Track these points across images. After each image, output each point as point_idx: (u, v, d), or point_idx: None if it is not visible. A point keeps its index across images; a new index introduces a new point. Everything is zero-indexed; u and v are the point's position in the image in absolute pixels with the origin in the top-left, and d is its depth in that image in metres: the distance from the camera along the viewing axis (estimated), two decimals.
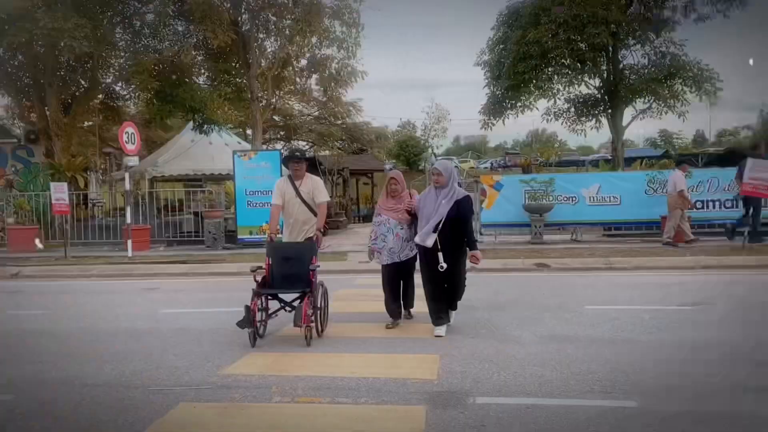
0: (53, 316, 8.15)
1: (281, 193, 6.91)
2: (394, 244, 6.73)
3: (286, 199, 6.88)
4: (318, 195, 6.91)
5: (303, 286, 6.30)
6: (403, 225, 6.76)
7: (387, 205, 6.88)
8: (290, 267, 6.47)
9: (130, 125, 14.87)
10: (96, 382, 5.18)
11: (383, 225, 6.81)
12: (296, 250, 6.61)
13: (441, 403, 4.43)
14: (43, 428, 4.19)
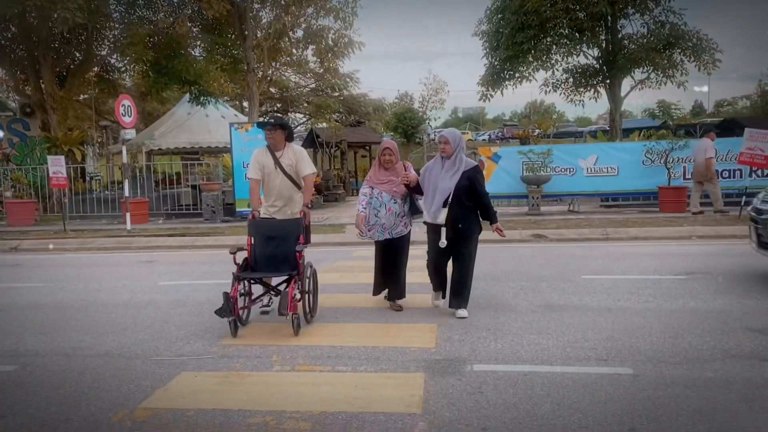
0: (53, 288, 8.20)
1: (259, 165, 6.19)
2: (387, 219, 6.24)
3: (266, 172, 6.18)
4: (303, 167, 6.19)
5: (289, 269, 5.71)
6: (396, 199, 6.25)
7: (379, 177, 6.33)
8: (275, 247, 5.82)
9: (126, 98, 14.77)
10: (98, 353, 5.25)
11: (375, 199, 6.28)
12: (281, 228, 5.93)
13: (439, 371, 4.50)
14: (47, 398, 4.25)
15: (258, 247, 5.87)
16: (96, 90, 23.64)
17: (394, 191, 6.26)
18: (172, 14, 19.32)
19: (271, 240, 5.85)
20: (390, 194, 6.26)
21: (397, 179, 6.26)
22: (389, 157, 6.30)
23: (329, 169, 27.78)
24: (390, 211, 6.25)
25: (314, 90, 28.38)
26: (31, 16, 17.41)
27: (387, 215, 6.25)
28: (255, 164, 6.21)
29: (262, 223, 5.99)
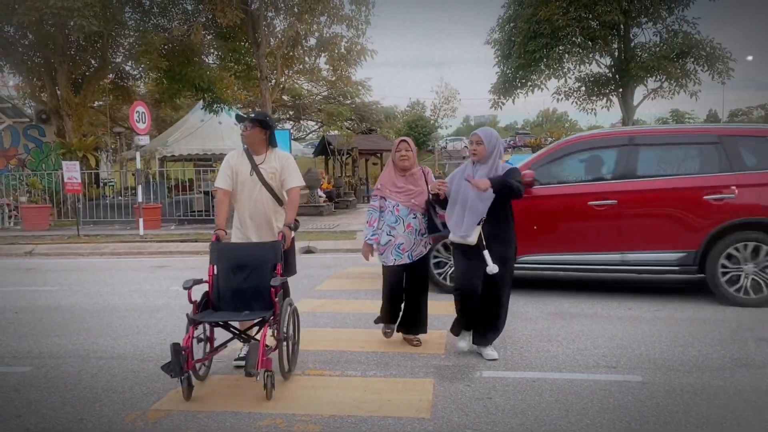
0: (68, 292, 8.30)
1: (231, 171, 4.85)
2: (406, 238, 5.05)
3: (239, 180, 4.83)
4: (289, 177, 4.86)
5: (262, 307, 4.40)
6: (416, 213, 5.08)
7: (396, 184, 5.11)
8: (244, 279, 4.49)
9: (141, 104, 14.94)
10: (111, 355, 5.32)
11: (390, 213, 5.09)
12: (253, 254, 4.59)
13: (448, 377, 4.52)
14: (61, 398, 4.32)
15: (222, 279, 4.52)
16: (111, 97, 23.93)
17: (414, 203, 5.09)
18: (187, 22, 19.53)
19: (239, 270, 4.51)
20: (409, 207, 5.08)
21: (417, 188, 5.11)
22: (406, 153, 5.06)
23: (341, 176, 27.89)
24: (409, 228, 5.07)
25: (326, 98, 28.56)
26: (48, 24, 17.66)
27: (406, 233, 5.07)
28: (225, 170, 4.87)
29: (228, 247, 4.66)
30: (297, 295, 6.87)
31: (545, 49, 20.62)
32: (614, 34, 21.20)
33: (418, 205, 5.09)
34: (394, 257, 5.08)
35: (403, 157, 5.07)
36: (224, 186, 4.85)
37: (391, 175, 5.18)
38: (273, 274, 4.45)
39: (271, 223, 4.93)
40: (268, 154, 4.89)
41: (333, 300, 7.32)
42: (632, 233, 6.78)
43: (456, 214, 4.85)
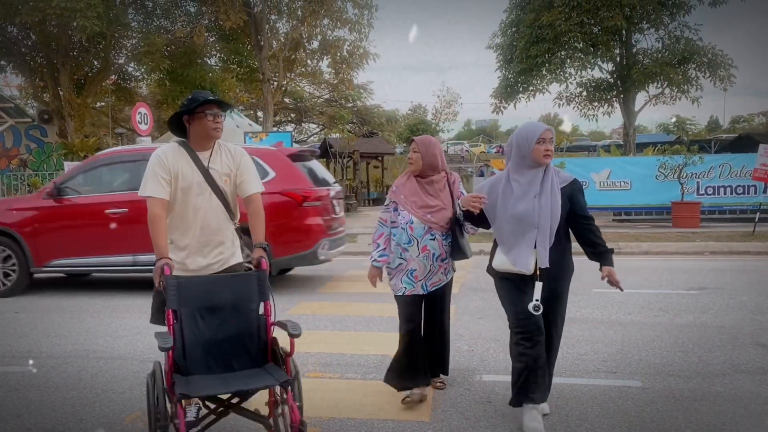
0: (68, 292, 8.30)
1: (168, 173, 3.48)
2: (420, 264, 3.98)
3: (180, 186, 3.49)
4: (248, 179, 3.65)
5: (247, 365, 3.27)
6: (435, 233, 3.96)
7: (412, 193, 4.02)
8: (219, 326, 3.29)
9: (143, 106, 14.97)
10: (111, 356, 5.32)
11: (402, 231, 3.99)
12: (228, 289, 3.36)
13: (448, 381, 4.52)
14: (61, 398, 4.33)
15: (188, 328, 3.22)
16: (113, 98, 23.98)
17: (431, 221, 3.96)
18: (190, 24, 19.60)
19: (211, 313, 3.29)
20: (425, 224, 3.96)
21: (436, 203, 4.00)
22: (412, 155, 4.08)
23: (342, 179, 27.91)
24: (425, 251, 3.97)
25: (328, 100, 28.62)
26: (51, 25, 17.73)
27: (421, 258, 3.98)
28: (158, 172, 3.46)
29: (192, 282, 3.32)
30: (298, 297, 6.91)
31: (547, 54, 20.68)
32: (616, 40, 21.25)
33: (437, 223, 3.96)
34: (405, 285, 4.03)
35: (410, 160, 4.08)
36: (161, 195, 3.43)
37: (411, 180, 4.09)
38: (261, 317, 3.37)
39: (223, 244, 3.64)
40: (215, 150, 3.59)
41: (333, 303, 7.33)
42: (142, 237, 6.88)
43: (509, 235, 3.60)
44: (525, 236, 3.54)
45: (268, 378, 3.13)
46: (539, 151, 3.52)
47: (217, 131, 3.55)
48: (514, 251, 3.58)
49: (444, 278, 4.11)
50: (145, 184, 3.48)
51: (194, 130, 3.54)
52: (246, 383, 3.09)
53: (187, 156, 3.53)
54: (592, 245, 3.79)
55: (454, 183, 4.13)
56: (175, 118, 3.61)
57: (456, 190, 4.10)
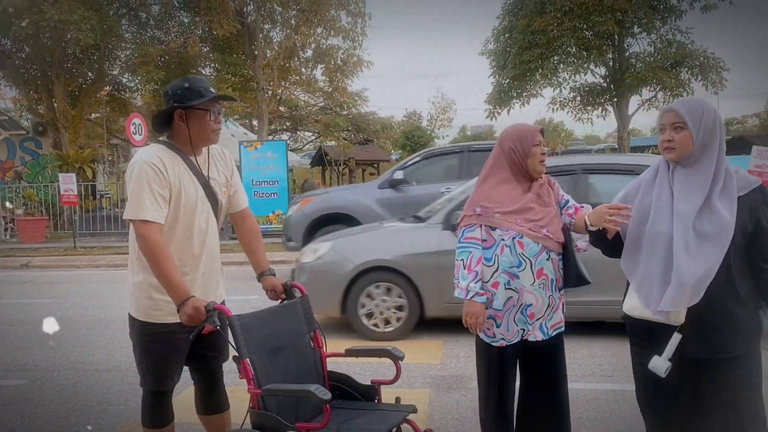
0: (64, 304, 8.27)
1: (169, 190, 2.74)
2: (538, 295, 2.89)
3: (182, 203, 2.79)
4: (241, 189, 3.16)
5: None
6: (549, 252, 2.91)
7: (517, 204, 2.91)
8: (287, 366, 2.77)
9: (137, 116, 14.97)
10: (107, 368, 5.31)
11: (507, 250, 2.88)
12: (285, 322, 2.88)
13: (444, 387, 4.52)
14: (55, 411, 4.31)
15: (265, 379, 2.62)
16: (107, 109, 23.98)
17: (548, 236, 2.89)
18: (183, 34, 19.63)
19: (276, 354, 2.76)
20: (537, 241, 2.87)
21: (549, 208, 2.95)
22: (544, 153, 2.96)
23: None
24: (542, 276, 2.89)
25: (323, 108, 28.65)
26: (45, 37, 17.73)
27: (537, 287, 2.88)
28: (156, 188, 2.69)
29: (252, 322, 2.69)
30: None
31: (540, 59, 20.73)
32: (609, 44, 21.33)
33: (553, 238, 2.89)
34: (520, 327, 2.90)
35: (543, 158, 2.93)
36: (160, 219, 2.70)
37: (506, 188, 2.93)
38: (315, 350, 2.93)
39: (220, 271, 3.08)
40: (210, 154, 2.95)
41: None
42: None
43: (645, 267, 2.44)
44: (668, 268, 2.34)
45: (392, 414, 2.82)
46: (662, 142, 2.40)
47: (218, 134, 2.88)
48: (650, 288, 2.40)
49: (562, 317, 3.04)
50: (138, 204, 2.64)
51: (192, 129, 2.78)
52: (380, 425, 2.68)
53: (184, 164, 2.80)
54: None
55: (554, 186, 3.08)
56: (168, 111, 2.80)
57: (557, 194, 3.06)
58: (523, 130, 2.95)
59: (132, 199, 2.68)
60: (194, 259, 2.85)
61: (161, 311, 2.78)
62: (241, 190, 3.13)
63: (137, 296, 2.87)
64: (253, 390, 2.52)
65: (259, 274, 3.07)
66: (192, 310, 2.52)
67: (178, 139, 2.83)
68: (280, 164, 14.77)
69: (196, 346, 2.85)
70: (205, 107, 2.76)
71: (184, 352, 2.88)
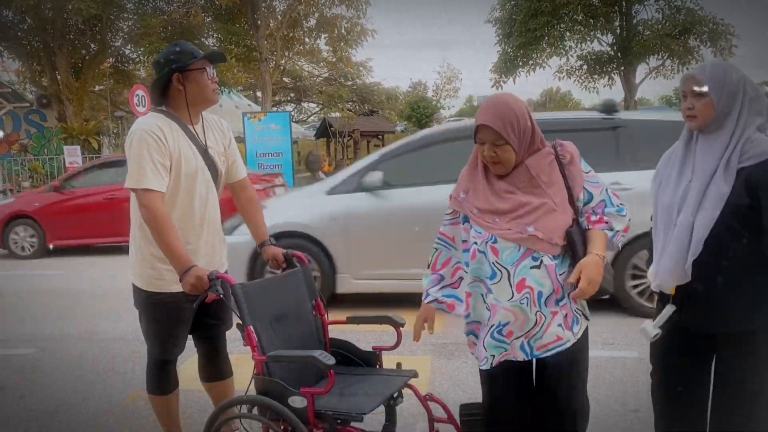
0: (71, 276, 8.36)
1: (169, 159, 2.70)
2: (516, 311, 2.24)
3: (183, 172, 2.75)
4: (239, 159, 3.12)
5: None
6: (539, 255, 2.22)
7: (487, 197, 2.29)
8: (289, 336, 2.75)
9: (141, 88, 14.90)
10: (114, 337, 5.39)
11: (480, 256, 2.29)
12: (287, 291, 2.86)
13: (446, 354, 4.57)
14: (64, 379, 4.39)
15: (269, 346, 2.61)
16: (111, 81, 23.89)
17: (532, 237, 2.22)
18: (186, 4, 19.45)
19: (280, 321, 2.74)
20: (520, 243, 2.24)
21: (537, 200, 2.24)
22: (492, 152, 2.22)
23: (342, 159, 27.88)
24: (524, 288, 2.24)
25: (327, 79, 28.44)
26: (47, 8, 17.62)
27: (517, 302, 2.24)
28: (157, 158, 2.65)
29: (255, 289, 2.67)
30: None
31: (546, 27, 20.50)
32: (616, 11, 21.04)
33: (544, 239, 2.22)
34: (490, 350, 2.33)
35: (493, 158, 2.24)
36: (162, 188, 2.66)
37: (479, 175, 2.33)
38: (317, 317, 2.95)
39: (223, 242, 3.08)
40: (205, 123, 2.94)
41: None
42: None
43: (657, 240, 2.38)
44: (674, 235, 2.24)
45: (394, 379, 2.82)
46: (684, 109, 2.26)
47: (217, 94, 2.89)
48: (659, 261, 2.32)
49: (565, 335, 2.26)
50: (140, 173, 2.60)
51: (191, 91, 2.74)
52: (382, 389, 2.66)
53: (182, 132, 2.77)
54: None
55: (570, 160, 2.31)
56: (165, 77, 2.73)
57: (576, 170, 2.31)
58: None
59: (133, 168, 2.65)
60: (196, 229, 2.84)
61: (165, 281, 2.80)
62: (239, 160, 3.11)
63: (140, 266, 2.89)
64: (257, 357, 2.56)
65: (259, 244, 3.07)
66: (195, 279, 2.50)
67: (176, 107, 2.81)
68: (284, 136, 14.76)
69: (199, 315, 2.88)
70: (201, 66, 2.73)
71: (188, 321, 2.92)
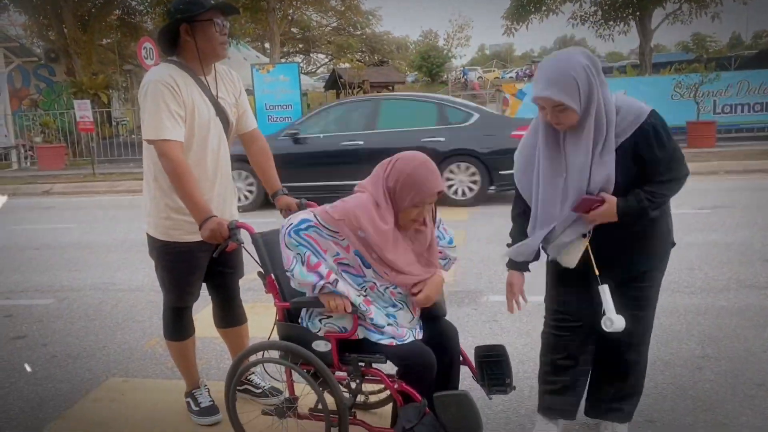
0: (86, 229, 8.48)
1: (184, 108, 2.71)
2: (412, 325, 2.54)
3: (198, 123, 2.77)
4: (248, 110, 3.10)
5: None
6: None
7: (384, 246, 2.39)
8: None
9: (148, 40, 14.76)
10: (130, 288, 5.50)
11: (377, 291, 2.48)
12: None
13: (456, 301, 4.64)
14: (84, 328, 4.52)
15: (289, 288, 2.60)
16: (118, 33, 23.66)
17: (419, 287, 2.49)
18: None
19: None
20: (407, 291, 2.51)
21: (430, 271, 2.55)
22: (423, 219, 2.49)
23: None
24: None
25: (336, 29, 28.03)
26: None
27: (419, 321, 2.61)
28: (174, 108, 2.66)
29: (273, 239, 2.65)
30: None
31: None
32: None
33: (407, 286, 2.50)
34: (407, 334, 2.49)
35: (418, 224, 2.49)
36: (180, 137, 2.69)
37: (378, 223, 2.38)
38: None
39: (234, 194, 3.12)
40: (218, 73, 2.92)
41: None
42: None
43: (541, 215, 2.56)
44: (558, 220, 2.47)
45: None
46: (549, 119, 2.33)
47: (224, 48, 2.80)
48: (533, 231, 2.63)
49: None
50: (158, 124, 2.61)
51: (199, 43, 2.71)
52: None
53: (194, 83, 2.76)
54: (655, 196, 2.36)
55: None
56: (172, 27, 2.71)
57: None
58: (419, 182, 2.35)
59: (149, 119, 2.64)
60: (208, 180, 2.85)
61: (180, 230, 2.85)
62: (249, 111, 3.10)
63: (155, 217, 2.93)
64: (280, 303, 2.60)
65: (272, 194, 3.09)
66: (216, 225, 2.53)
67: (187, 57, 2.78)
68: (293, 87, 14.63)
69: (213, 264, 2.96)
70: (208, 18, 2.68)
71: (203, 269, 2.99)
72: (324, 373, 2.41)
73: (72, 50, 19.47)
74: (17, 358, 4.01)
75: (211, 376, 3.61)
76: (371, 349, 2.42)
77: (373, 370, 2.47)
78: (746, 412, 2.89)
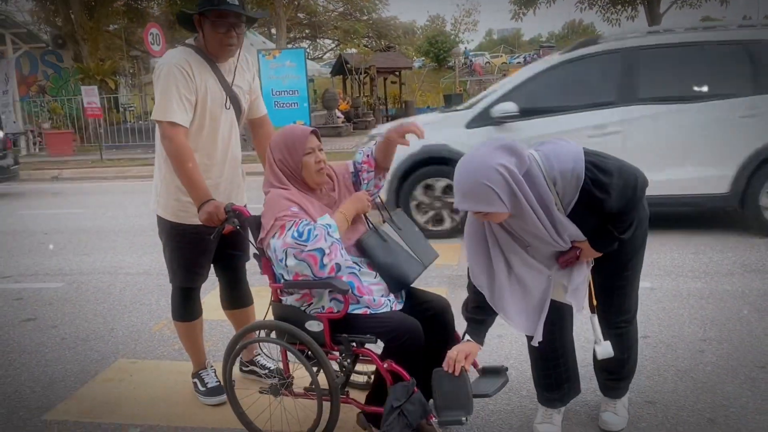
0: (94, 214, 8.55)
1: (195, 94, 2.73)
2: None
3: (210, 109, 2.79)
4: (260, 97, 3.17)
5: None
6: None
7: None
8: None
9: (155, 26, 14.78)
10: (137, 271, 5.56)
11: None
12: None
13: (460, 285, 4.63)
14: (92, 310, 4.58)
15: None
16: (125, 19, 23.65)
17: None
18: None
19: None
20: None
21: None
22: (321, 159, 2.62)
23: (359, 96, 27.58)
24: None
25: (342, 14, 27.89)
26: None
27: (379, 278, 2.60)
28: (184, 93, 2.68)
29: None
30: None
31: None
32: None
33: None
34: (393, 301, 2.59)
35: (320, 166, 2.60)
36: (186, 123, 2.71)
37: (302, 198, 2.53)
38: None
39: (243, 178, 3.12)
40: (231, 60, 2.89)
41: None
42: None
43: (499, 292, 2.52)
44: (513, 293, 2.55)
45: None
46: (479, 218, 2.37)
47: (228, 50, 2.77)
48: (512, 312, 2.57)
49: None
50: (166, 106, 2.64)
51: (206, 39, 2.76)
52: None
53: (210, 69, 2.78)
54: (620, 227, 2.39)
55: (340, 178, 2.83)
56: (185, 17, 2.80)
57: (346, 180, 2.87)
58: (290, 138, 2.54)
59: (160, 100, 2.70)
60: (218, 166, 2.90)
61: (188, 212, 2.86)
62: (261, 97, 3.16)
63: (165, 198, 2.96)
64: (273, 284, 2.65)
65: None
66: (212, 208, 2.60)
67: (203, 44, 2.81)
68: (300, 73, 14.62)
69: (221, 247, 3.00)
70: (217, 17, 2.67)
71: (211, 252, 3.03)
72: (317, 352, 2.46)
73: (79, 36, 19.50)
74: (28, 339, 4.07)
75: (218, 357, 3.64)
76: (362, 329, 2.48)
77: (365, 350, 2.51)
78: (747, 393, 2.91)
